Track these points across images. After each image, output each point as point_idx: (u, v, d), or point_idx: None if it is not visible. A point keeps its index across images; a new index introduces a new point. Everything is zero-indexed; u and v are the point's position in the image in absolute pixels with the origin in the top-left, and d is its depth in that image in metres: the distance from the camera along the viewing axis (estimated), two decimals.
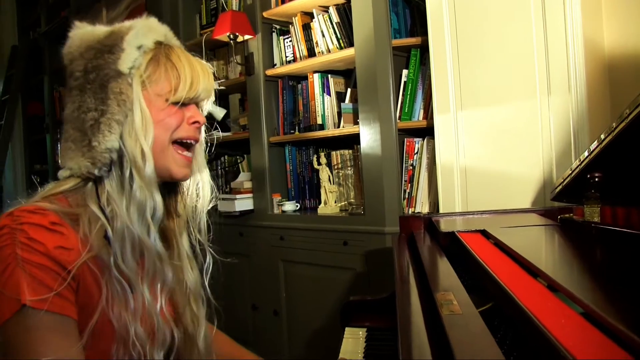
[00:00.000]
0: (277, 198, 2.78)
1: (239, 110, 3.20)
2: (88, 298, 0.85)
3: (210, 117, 2.99)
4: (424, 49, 2.18)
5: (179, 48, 1.00)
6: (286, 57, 2.75)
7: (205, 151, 1.12)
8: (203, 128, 1.06)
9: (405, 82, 2.25)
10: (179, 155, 0.98)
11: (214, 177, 3.28)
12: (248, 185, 2.89)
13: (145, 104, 0.92)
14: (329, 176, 2.61)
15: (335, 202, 2.60)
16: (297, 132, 2.70)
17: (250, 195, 2.87)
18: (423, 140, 2.23)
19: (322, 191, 2.62)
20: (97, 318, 0.85)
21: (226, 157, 3.17)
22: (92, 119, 0.90)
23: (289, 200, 2.80)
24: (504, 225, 1.27)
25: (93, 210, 0.89)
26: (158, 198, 0.93)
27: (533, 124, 1.72)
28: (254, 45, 2.78)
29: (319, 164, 2.63)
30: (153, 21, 0.98)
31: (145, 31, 0.94)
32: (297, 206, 2.76)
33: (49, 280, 0.81)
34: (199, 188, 1.10)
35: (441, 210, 1.97)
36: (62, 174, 0.93)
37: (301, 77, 2.77)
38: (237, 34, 2.66)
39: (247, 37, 2.74)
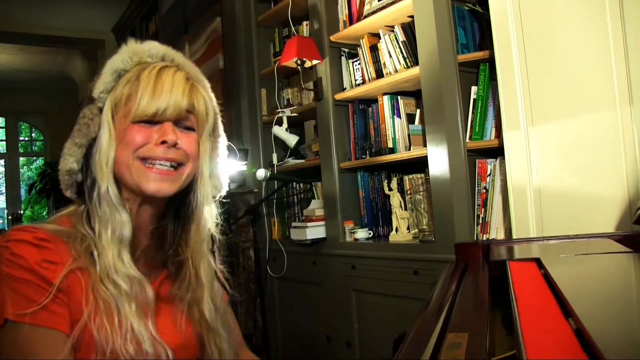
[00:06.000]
0: (349, 225, 2.69)
1: (313, 137, 3.17)
2: (79, 313, 0.84)
3: (284, 144, 3.00)
4: (493, 63, 2.03)
5: (163, 66, 0.95)
6: (355, 80, 2.69)
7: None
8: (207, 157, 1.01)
9: (474, 99, 2.11)
10: (147, 169, 0.92)
11: (287, 204, 3.26)
12: (320, 212, 2.83)
13: (114, 125, 0.92)
14: (400, 202, 2.49)
15: (407, 229, 2.47)
16: (368, 157, 2.62)
17: (322, 223, 2.80)
18: (496, 160, 2.06)
19: (394, 218, 2.50)
20: (81, 329, 0.83)
21: (301, 184, 3.14)
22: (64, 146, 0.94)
23: (362, 227, 2.70)
24: (569, 252, 1.11)
25: (81, 231, 0.90)
26: (124, 216, 0.91)
27: (613, 137, 1.52)
28: (322, 70, 2.74)
29: (390, 189, 2.52)
30: (148, 46, 0.97)
31: (127, 55, 0.94)
32: (369, 234, 2.65)
33: (33, 293, 0.80)
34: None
35: (514, 236, 1.79)
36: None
37: (371, 100, 2.69)
38: (304, 59, 2.64)
39: (315, 62, 2.72)
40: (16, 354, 0.79)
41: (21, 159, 11.16)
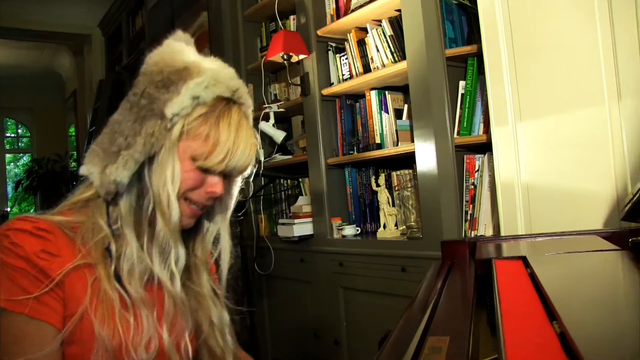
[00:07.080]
0: (336, 222, 2.66)
1: (301, 132, 3.13)
2: (76, 308, 0.85)
3: (271, 140, 2.95)
4: (481, 57, 2.00)
5: (238, 111, 0.96)
6: (342, 75, 2.66)
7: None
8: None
9: (462, 94, 2.08)
10: (189, 209, 0.96)
11: (275, 200, 3.22)
12: (307, 209, 2.79)
13: (178, 153, 0.91)
14: (388, 198, 2.46)
15: (395, 226, 2.44)
16: (355, 153, 2.59)
17: (309, 219, 2.77)
18: (484, 156, 2.03)
19: (381, 214, 2.48)
20: (77, 322, 0.84)
21: (288, 181, 3.10)
22: (117, 146, 0.89)
23: (349, 224, 2.67)
24: (556, 250, 1.08)
25: (99, 222, 0.90)
26: (181, 251, 0.93)
27: (602, 132, 1.50)
28: (309, 65, 2.71)
29: (378, 185, 2.49)
30: (226, 73, 0.95)
31: (210, 83, 0.91)
32: (357, 230, 2.63)
33: (27, 284, 0.81)
34: (219, 241, 1.06)
35: (503, 233, 1.77)
36: (82, 169, 0.93)
37: (359, 96, 2.66)
38: (290, 54, 2.61)
39: (302, 56, 2.68)
40: (4, 340, 0.80)
41: (7, 155, 11.04)
